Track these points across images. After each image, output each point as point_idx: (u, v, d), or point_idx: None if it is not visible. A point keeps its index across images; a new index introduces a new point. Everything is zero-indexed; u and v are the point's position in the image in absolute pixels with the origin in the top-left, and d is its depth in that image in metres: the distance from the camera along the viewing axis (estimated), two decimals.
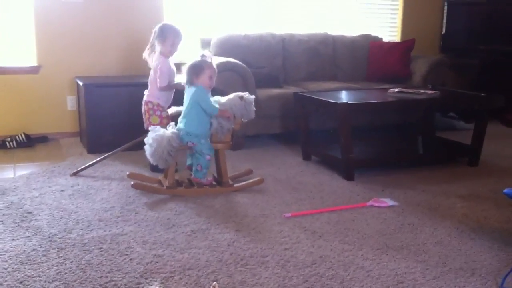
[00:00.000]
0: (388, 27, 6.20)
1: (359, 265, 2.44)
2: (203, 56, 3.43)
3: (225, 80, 4.24)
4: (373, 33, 5.85)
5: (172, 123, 3.43)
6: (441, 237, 2.80)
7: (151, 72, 3.79)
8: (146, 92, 3.82)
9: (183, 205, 3.19)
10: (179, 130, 3.37)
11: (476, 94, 4.34)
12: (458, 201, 3.37)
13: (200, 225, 2.87)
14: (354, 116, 3.79)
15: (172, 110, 3.74)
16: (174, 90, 3.80)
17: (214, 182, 3.50)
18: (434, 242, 2.72)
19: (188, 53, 5.10)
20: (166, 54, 3.72)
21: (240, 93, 3.47)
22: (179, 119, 3.44)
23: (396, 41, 6.05)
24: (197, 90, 3.35)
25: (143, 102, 3.80)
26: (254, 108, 3.49)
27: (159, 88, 3.71)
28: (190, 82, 3.39)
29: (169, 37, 3.69)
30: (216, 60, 3.43)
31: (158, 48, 3.72)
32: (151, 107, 3.76)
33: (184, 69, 3.40)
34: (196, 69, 3.36)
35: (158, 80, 3.70)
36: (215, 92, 3.58)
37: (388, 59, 5.44)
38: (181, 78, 3.75)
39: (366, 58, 5.60)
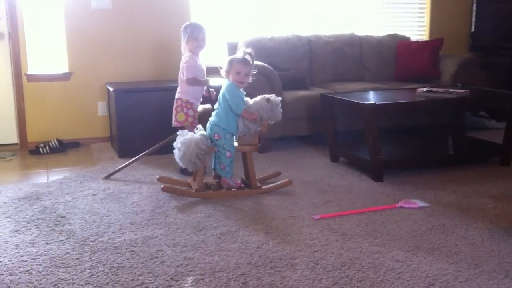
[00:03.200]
0: (416, 26, 6.13)
1: (389, 267, 2.42)
2: (244, 53, 3.45)
3: (252, 83, 4.24)
4: (401, 33, 5.79)
5: (199, 126, 3.47)
6: (473, 238, 2.76)
7: (180, 70, 3.87)
8: (178, 89, 3.92)
9: (212, 207, 3.22)
10: (210, 122, 3.42)
11: (507, 92, 4.27)
12: (490, 202, 3.31)
13: (229, 228, 2.89)
14: (382, 117, 3.77)
15: (200, 108, 3.81)
16: (205, 88, 3.87)
17: (242, 185, 3.52)
18: (466, 244, 2.69)
19: (215, 57, 5.16)
20: (193, 50, 3.80)
21: (267, 96, 3.48)
22: (213, 113, 3.48)
23: (424, 40, 5.98)
24: (228, 84, 3.39)
25: (174, 100, 3.89)
26: (281, 110, 3.50)
27: (186, 82, 3.78)
28: (226, 76, 3.44)
29: (189, 33, 3.77)
30: (252, 60, 3.44)
31: (185, 47, 3.83)
32: (180, 104, 3.84)
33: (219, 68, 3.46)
34: (227, 64, 3.40)
35: (183, 73, 3.78)
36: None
37: (416, 58, 5.38)
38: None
39: (394, 58, 5.55)
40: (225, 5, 5.28)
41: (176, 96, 3.89)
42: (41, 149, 4.63)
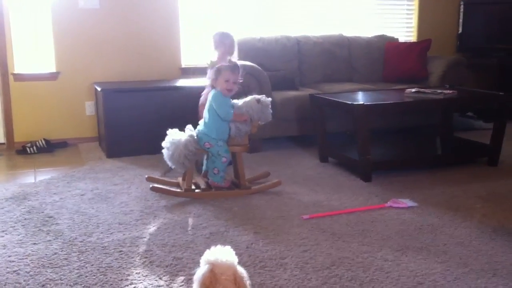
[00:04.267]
0: (404, 27, 6.16)
1: (378, 267, 2.43)
2: (229, 60, 3.45)
3: (241, 83, 4.24)
4: (389, 34, 5.82)
5: (189, 125, 3.46)
6: (461, 237, 2.77)
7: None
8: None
9: (201, 207, 3.21)
10: (198, 130, 3.40)
11: (494, 93, 4.30)
12: (478, 201, 3.34)
13: (219, 228, 2.89)
14: (371, 118, 3.78)
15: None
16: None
17: (232, 185, 3.52)
18: (455, 243, 2.70)
19: (203, 57, 5.15)
20: (225, 55, 3.91)
21: (257, 96, 3.48)
22: (200, 121, 3.47)
23: (412, 41, 6.01)
24: (214, 94, 3.37)
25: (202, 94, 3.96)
26: (271, 111, 3.49)
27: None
28: (211, 85, 3.43)
29: (219, 41, 3.96)
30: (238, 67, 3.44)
31: (217, 54, 3.96)
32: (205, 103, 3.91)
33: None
34: (215, 73, 3.39)
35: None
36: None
37: (404, 59, 5.41)
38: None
39: (382, 59, 5.57)
40: (214, 5, 5.27)
41: (205, 92, 3.99)
42: (28, 149, 4.58)
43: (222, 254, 1.77)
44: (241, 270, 1.78)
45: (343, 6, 5.78)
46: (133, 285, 2.25)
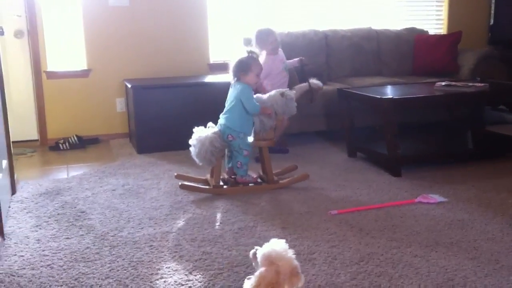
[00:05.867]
0: (433, 19, 6.06)
1: (407, 263, 2.41)
2: (251, 52, 3.44)
3: None
4: (418, 27, 5.74)
5: (211, 123, 3.47)
6: (492, 233, 2.73)
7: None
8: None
9: (229, 203, 3.23)
10: (220, 125, 3.41)
11: None
12: (510, 196, 3.28)
13: (247, 223, 2.91)
14: (401, 112, 3.74)
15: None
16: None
17: (259, 179, 3.53)
18: (486, 239, 2.66)
19: (232, 52, 5.16)
20: (270, 52, 4.27)
21: (281, 90, 3.49)
22: (221, 114, 3.48)
23: (442, 34, 5.92)
24: (243, 88, 3.38)
25: None
26: (295, 104, 3.50)
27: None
28: (237, 78, 3.43)
29: (261, 39, 4.26)
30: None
31: (262, 51, 4.21)
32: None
33: (231, 64, 3.44)
34: (244, 67, 3.39)
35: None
36: None
37: (434, 52, 5.33)
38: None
39: (412, 52, 5.50)
40: (242, 1, 5.28)
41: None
42: (61, 145, 4.68)
43: (281, 250, 1.81)
44: (297, 265, 1.86)
45: None
46: (163, 279, 2.29)
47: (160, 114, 4.50)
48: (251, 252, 1.93)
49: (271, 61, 4.25)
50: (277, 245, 1.84)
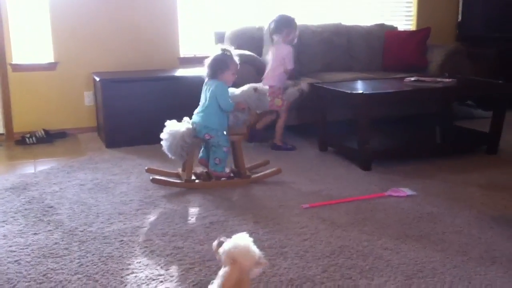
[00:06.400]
0: (403, 16, 6.14)
1: (378, 255, 2.44)
2: (225, 50, 3.41)
3: (240, 73, 4.23)
4: (388, 23, 5.79)
5: (186, 118, 3.44)
6: (460, 226, 2.78)
7: (272, 60, 4.28)
8: (264, 79, 4.26)
9: (201, 197, 3.21)
10: (194, 123, 3.38)
11: (494, 81, 4.29)
12: (477, 190, 3.35)
13: (219, 217, 2.89)
14: (371, 107, 3.77)
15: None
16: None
17: (231, 174, 3.52)
18: (454, 231, 2.71)
19: (202, 46, 5.14)
20: (288, 42, 4.29)
21: (254, 85, 3.48)
22: (195, 112, 3.45)
23: (411, 30, 5.99)
24: (218, 85, 3.36)
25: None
26: (268, 99, 3.50)
27: (288, 71, 4.28)
28: (212, 76, 3.39)
29: (284, 28, 4.28)
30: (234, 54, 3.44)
31: (278, 39, 4.27)
32: (275, 91, 4.17)
33: (207, 62, 3.40)
34: (221, 65, 3.36)
35: (287, 63, 4.24)
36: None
37: (404, 48, 5.39)
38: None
39: (382, 48, 5.55)
40: None
41: (269, 83, 4.09)
42: (27, 140, 4.58)
43: (244, 246, 1.78)
44: (260, 256, 1.82)
45: None
46: (134, 274, 2.26)
47: (129, 108, 4.44)
48: (214, 243, 1.89)
49: (291, 51, 4.31)
50: (239, 241, 1.81)
